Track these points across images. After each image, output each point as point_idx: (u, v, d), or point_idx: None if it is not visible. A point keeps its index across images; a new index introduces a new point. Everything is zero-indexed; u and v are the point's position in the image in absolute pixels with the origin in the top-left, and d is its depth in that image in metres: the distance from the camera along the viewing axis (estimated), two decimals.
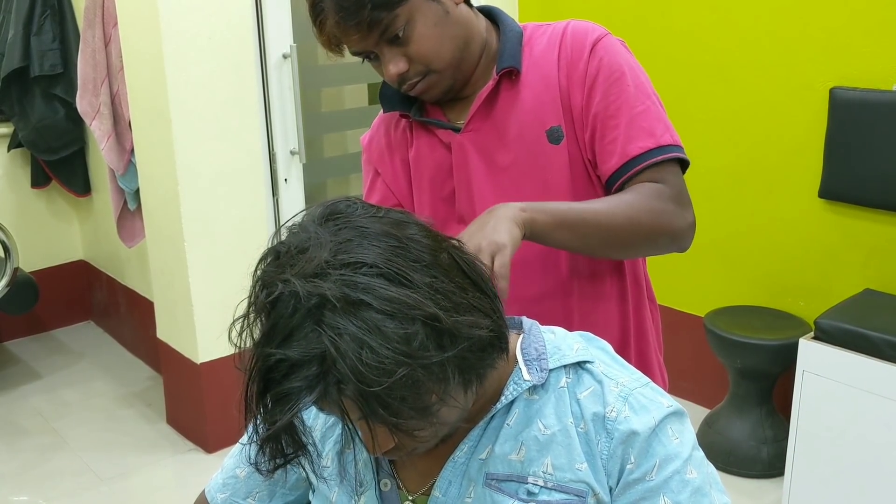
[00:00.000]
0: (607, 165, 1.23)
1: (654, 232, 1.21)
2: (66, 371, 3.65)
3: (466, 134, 1.29)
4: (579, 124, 1.25)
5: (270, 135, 2.91)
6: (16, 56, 3.36)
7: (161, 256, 2.93)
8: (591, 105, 1.23)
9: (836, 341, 2.33)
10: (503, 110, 1.27)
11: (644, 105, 1.23)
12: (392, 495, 0.98)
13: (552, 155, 1.26)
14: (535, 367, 0.94)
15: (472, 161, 1.29)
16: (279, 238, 0.85)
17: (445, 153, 1.31)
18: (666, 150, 1.22)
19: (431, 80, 1.23)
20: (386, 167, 1.39)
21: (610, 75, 1.23)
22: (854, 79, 2.53)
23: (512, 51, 1.26)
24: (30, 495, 2.78)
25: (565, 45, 1.26)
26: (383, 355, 0.73)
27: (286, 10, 2.85)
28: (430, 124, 1.32)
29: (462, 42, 1.24)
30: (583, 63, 1.24)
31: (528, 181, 1.27)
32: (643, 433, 0.89)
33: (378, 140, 1.40)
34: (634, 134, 1.22)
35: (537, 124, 1.25)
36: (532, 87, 1.26)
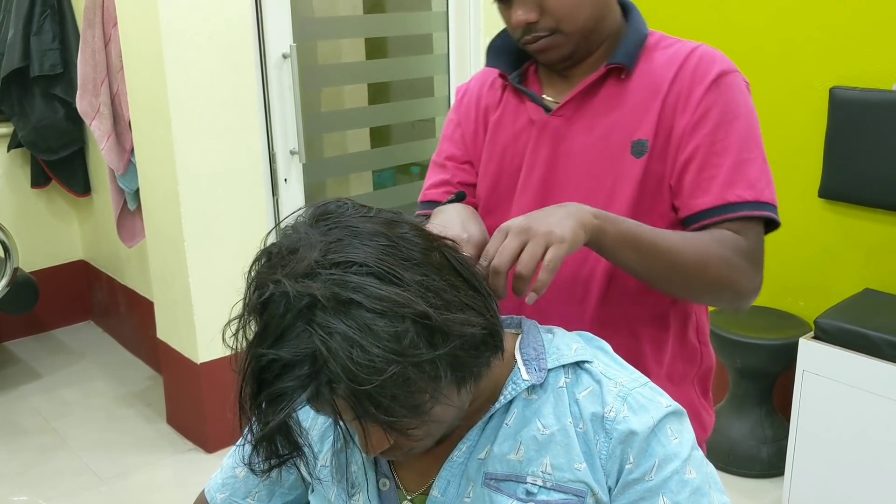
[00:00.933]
0: (698, 201, 1.17)
1: (721, 283, 1.15)
2: (65, 371, 3.65)
3: (556, 117, 1.24)
4: (674, 147, 1.19)
5: (270, 135, 2.91)
6: (16, 56, 3.36)
7: (161, 256, 2.93)
8: (697, 134, 1.17)
9: (836, 341, 2.33)
10: (599, 106, 1.23)
11: (752, 154, 1.18)
12: (391, 495, 0.98)
13: (629, 166, 1.20)
14: (533, 366, 0.94)
15: (550, 146, 1.25)
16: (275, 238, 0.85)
17: (528, 128, 1.27)
18: (762, 206, 1.17)
19: (556, 40, 1.18)
20: (469, 121, 1.35)
21: (726, 112, 1.17)
22: (854, 78, 2.53)
23: (630, 49, 1.22)
24: (29, 495, 2.78)
25: (687, 66, 1.20)
26: (374, 354, 0.73)
27: (286, 10, 2.85)
28: (524, 94, 1.27)
29: (599, 13, 1.20)
30: (701, 90, 1.18)
31: (596, 183, 1.23)
32: (642, 433, 0.89)
33: (471, 93, 1.36)
34: (736, 180, 1.16)
35: (626, 132, 1.20)
36: (635, 94, 1.21)
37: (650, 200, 1.21)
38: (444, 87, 3.42)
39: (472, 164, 1.35)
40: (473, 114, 1.35)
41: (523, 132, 1.28)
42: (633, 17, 1.26)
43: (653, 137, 1.19)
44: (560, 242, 0.98)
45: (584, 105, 1.23)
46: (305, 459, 0.85)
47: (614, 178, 1.21)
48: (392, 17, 3.58)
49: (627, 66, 1.21)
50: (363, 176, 3.65)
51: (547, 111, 1.25)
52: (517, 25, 1.18)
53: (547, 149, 1.25)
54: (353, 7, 3.58)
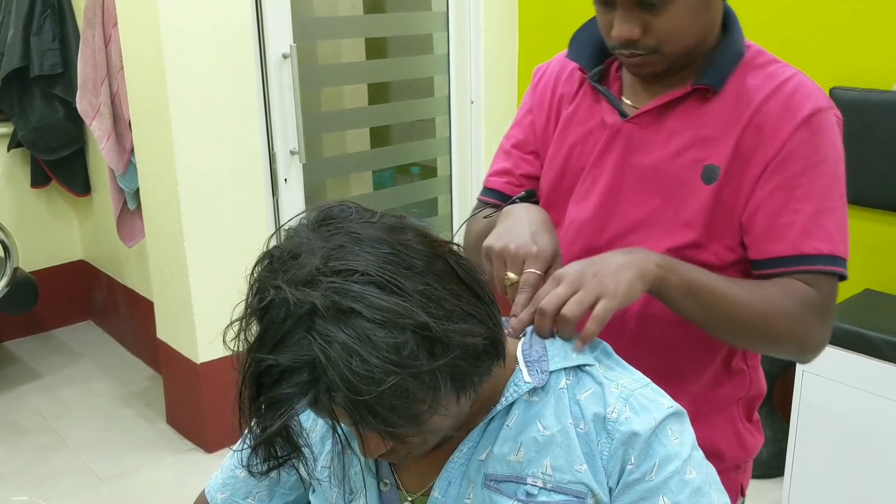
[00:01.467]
0: (771, 246, 1.11)
1: (786, 338, 1.11)
2: (65, 371, 3.65)
3: (630, 124, 1.18)
4: (750, 180, 1.12)
5: (270, 134, 2.91)
6: (15, 56, 3.36)
7: (161, 256, 2.93)
8: (778, 175, 1.10)
9: (835, 341, 2.33)
10: (678, 121, 1.16)
11: (834, 203, 1.11)
12: (391, 495, 0.98)
13: (696, 191, 1.14)
14: (535, 368, 0.94)
15: (619, 153, 1.19)
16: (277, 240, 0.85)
17: (600, 129, 1.21)
18: (837, 262, 1.11)
19: (653, 59, 1.12)
20: (542, 110, 1.29)
21: (812, 155, 1.10)
22: (854, 79, 2.53)
23: (722, 69, 1.14)
24: (29, 495, 2.78)
25: (779, 96, 1.12)
26: (372, 364, 0.73)
27: (286, 9, 2.85)
28: (602, 94, 1.21)
29: (702, 38, 1.14)
30: (790, 126, 1.10)
31: (662, 203, 1.17)
32: (644, 434, 0.89)
33: (548, 79, 1.30)
34: (814, 230, 1.09)
35: (700, 155, 1.14)
36: (717, 116, 1.14)
37: (716, 230, 1.15)
38: (444, 87, 3.42)
39: (537, 155, 1.31)
40: (547, 102, 1.29)
41: (594, 132, 1.22)
42: (732, 32, 1.18)
43: (726, 165, 1.13)
44: (612, 296, 0.96)
45: (662, 117, 1.17)
46: (305, 460, 0.85)
47: (681, 200, 1.15)
48: (392, 17, 3.58)
49: (715, 88, 1.14)
50: (363, 176, 3.65)
51: (623, 116, 1.19)
52: (617, 39, 1.12)
53: (616, 155, 1.19)
54: (353, 7, 3.58)
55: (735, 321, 1.08)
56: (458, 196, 3.53)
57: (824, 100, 1.13)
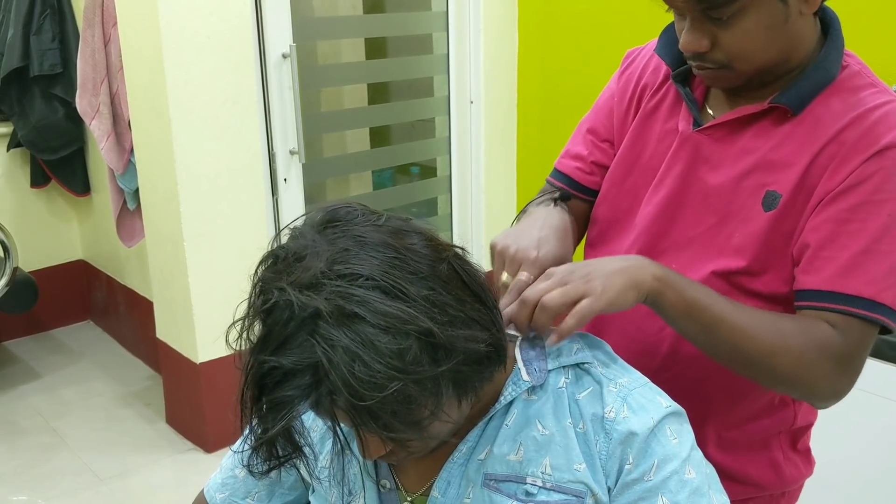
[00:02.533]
0: (808, 279, 1.02)
1: (791, 379, 1.02)
2: (65, 371, 3.65)
3: (701, 135, 1.11)
4: (810, 209, 1.03)
5: (270, 134, 2.91)
6: (15, 55, 3.36)
7: (160, 256, 2.93)
8: (836, 205, 1.01)
9: None
10: (749, 141, 1.08)
11: (890, 248, 0.99)
12: (391, 495, 0.98)
13: (754, 217, 1.06)
14: (534, 367, 0.94)
15: (687, 163, 1.13)
16: (279, 241, 0.84)
17: (673, 134, 1.15)
18: (877, 308, 0.99)
19: (725, 75, 1.05)
20: (624, 97, 1.24)
21: (876, 191, 0.99)
22: None
23: (804, 91, 1.05)
24: (29, 495, 2.78)
25: (859, 124, 1.02)
26: (375, 369, 0.73)
27: (286, 9, 2.85)
28: (684, 98, 1.14)
29: (784, 56, 1.04)
30: (860, 157, 1.00)
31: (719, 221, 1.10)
32: (642, 433, 0.89)
33: (637, 65, 1.25)
34: (858, 270, 0.99)
35: (765, 179, 1.06)
36: (790, 140, 1.05)
37: (771, 260, 1.07)
38: (443, 87, 3.42)
39: (611, 144, 1.26)
40: (630, 90, 1.23)
41: (669, 136, 1.16)
42: (829, 50, 1.07)
43: (790, 193, 1.04)
44: (598, 298, 0.92)
45: (735, 132, 1.10)
46: (306, 460, 0.85)
47: (738, 224, 1.08)
48: (392, 17, 3.58)
49: (794, 110, 1.05)
50: (363, 176, 3.65)
51: (697, 125, 1.12)
52: (684, 49, 1.05)
53: (683, 164, 1.13)
54: (353, 7, 3.58)
55: (736, 351, 1.00)
56: (457, 196, 3.53)
57: None
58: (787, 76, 1.07)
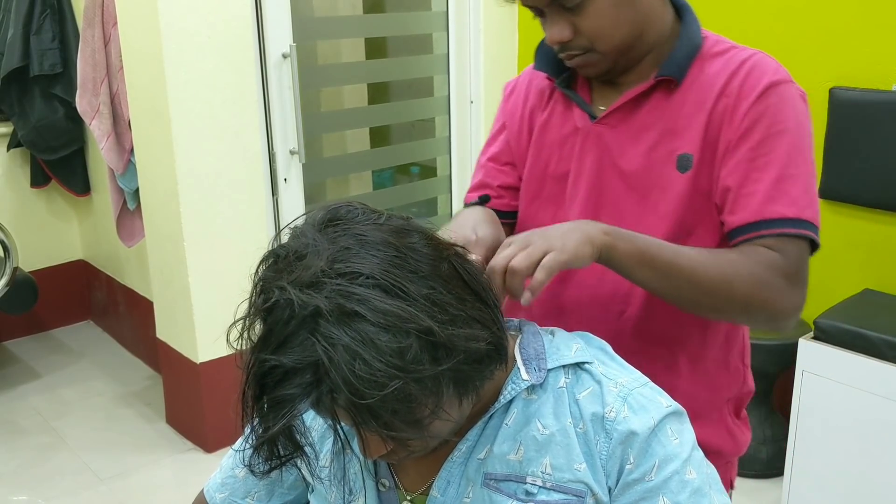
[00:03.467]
0: (736, 217, 1.12)
1: (751, 303, 1.08)
2: (65, 370, 3.65)
3: (600, 125, 1.21)
4: (718, 162, 1.14)
5: (270, 134, 2.91)
6: (15, 55, 3.36)
7: (160, 256, 2.93)
8: (740, 149, 1.12)
9: (835, 341, 2.33)
10: (645, 117, 1.18)
11: (798, 170, 1.11)
12: (390, 495, 0.98)
13: (674, 181, 1.16)
14: (533, 366, 0.94)
15: (595, 154, 1.22)
16: (280, 240, 0.84)
17: (574, 134, 1.24)
18: (802, 225, 1.10)
19: (591, 58, 1.15)
20: (514, 122, 1.32)
21: (772, 125, 1.11)
22: (854, 79, 2.53)
23: (681, 60, 1.16)
24: (29, 495, 2.78)
25: (737, 77, 1.14)
26: (376, 368, 0.73)
27: (286, 9, 2.85)
28: (572, 100, 1.24)
29: (638, 30, 1.15)
30: (747, 103, 1.12)
31: (640, 198, 1.19)
32: (642, 433, 0.89)
33: (518, 92, 1.34)
34: (777, 196, 1.10)
35: (672, 146, 1.16)
36: (683, 107, 1.16)
37: (697, 217, 1.16)
38: (443, 87, 3.42)
39: (513, 166, 1.33)
40: (519, 113, 1.32)
41: (570, 138, 1.25)
42: (687, 22, 1.20)
43: (699, 152, 1.15)
44: (561, 251, 0.97)
45: (631, 115, 1.19)
46: (307, 459, 0.85)
47: (660, 192, 1.17)
48: (392, 17, 3.58)
49: (677, 78, 1.16)
50: (363, 176, 3.65)
51: (593, 118, 1.22)
52: (551, 44, 1.16)
53: (592, 157, 1.22)
54: (353, 7, 3.58)
55: (697, 288, 1.07)
56: (457, 196, 3.53)
57: (783, 74, 1.15)
58: (654, 52, 1.19)
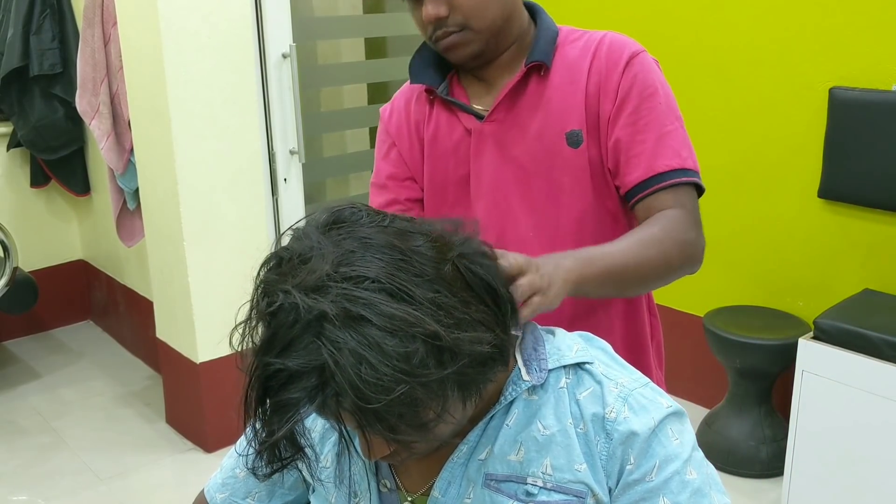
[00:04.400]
0: (630, 177, 1.24)
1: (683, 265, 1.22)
2: (65, 370, 3.65)
3: (489, 124, 1.29)
4: (603, 132, 1.26)
5: (270, 134, 2.91)
6: (15, 55, 3.36)
7: (160, 256, 2.93)
8: (621, 116, 1.24)
9: (835, 341, 2.33)
10: (527, 106, 1.28)
11: (673, 126, 1.25)
12: (391, 496, 0.98)
13: (570, 158, 1.26)
14: (534, 367, 0.94)
15: (491, 151, 1.29)
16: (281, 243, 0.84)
17: (465, 137, 1.31)
18: (688, 173, 1.24)
19: (466, 36, 1.23)
20: (403, 139, 1.38)
21: (643, 91, 1.24)
22: (853, 79, 2.53)
23: (545, 47, 1.27)
24: (29, 494, 2.78)
25: (600, 55, 1.26)
26: (382, 372, 0.72)
27: (286, 9, 2.85)
28: (454, 105, 1.32)
29: (507, 12, 1.25)
30: (616, 75, 1.25)
31: (544, 181, 1.28)
32: (643, 434, 0.89)
33: (398, 111, 1.40)
34: (661, 151, 1.23)
35: (558, 126, 1.26)
36: (558, 89, 1.27)
37: (602, 189, 1.28)
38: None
39: (413, 180, 1.37)
40: (406, 130, 1.37)
41: (462, 142, 1.31)
42: (541, 18, 1.32)
43: (585, 126, 1.26)
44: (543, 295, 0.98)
45: (512, 108, 1.28)
46: (308, 461, 0.84)
47: (560, 171, 1.27)
48: (392, 17, 3.58)
49: (546, 62, 1.26)
50: (363, 176, 3.65)
51: (479, 118, 1.30)
52: (427, 21, 1.23)
53: (489, 155, 1.29)
54: (353, 7, 3.58)
55: (646, 280, 1.20)
56: None
57: (636, 46, 1.28)
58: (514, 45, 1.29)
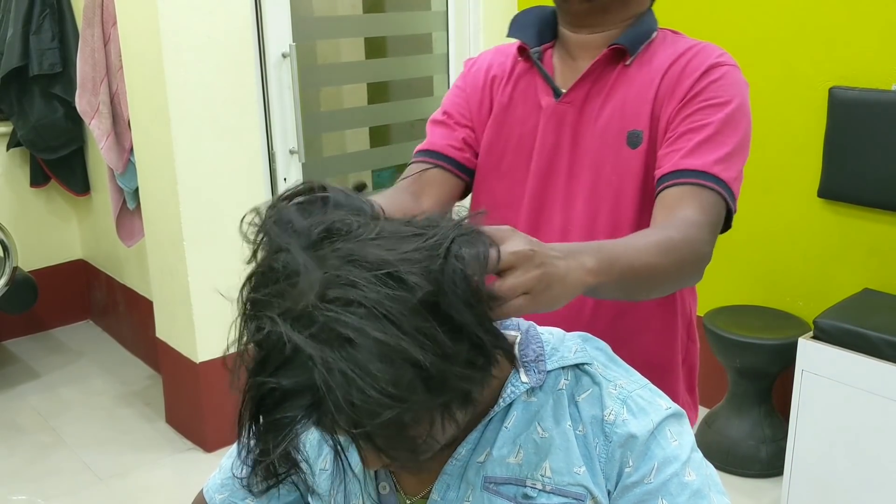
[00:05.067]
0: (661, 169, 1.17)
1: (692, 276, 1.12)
2: (64, 370, 3.65)
3: (563, 104, 1.26)
4: (661, 135, 1.21)
5: (270, 134, 2.91)
6: (15, 55, 3.36)
7: (160, 255, 2.93)
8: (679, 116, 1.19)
9: (835, 341, 2.33)
10: (602, 95, 1.25)
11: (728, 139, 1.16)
12: (390, 498, 0.97)
13: (628, 158, 1.23)
14: (532, 368, 0.93)
15: (556, 133, 1.27)
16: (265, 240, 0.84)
17: (536, 111, 1.29)
18: (719, 183, 1.14)
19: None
20: (475, 90, 1.35)
21: (713, 97, 1.17)
22: (853, 78, 2.53)
23: (635, 36, 1.24)
24: (28, 494, 2.78)
25: (683, 59, 1.22)
26: (369, 395, 0.71)
27: (285, 9, 2.85)
28: (540, 72, 1.29)
29: None
30: (691, 80, 1.19)
31: (596, 175, 1.25)
32: (642, 436, 0.88)
33: (481, 63, 1.37)
34: (701, 152, 1.15)
35: (624, 123, 1.23)
36: (633, 85, 1.23)
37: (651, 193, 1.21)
38: (443, 86, 3.42)
39: (472, 129, 1.35)
40: (481, 82, 1.35)
41: (532, 115, 1.29)
42: (649, 13, 1.29)
43: (648, 128, 1.22)
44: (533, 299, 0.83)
45: (589, 94, 1.26)
46: (303, 476, 0.84)
47: (616, 169, 1.23)
48: (392, 16, 3.58)
49: (630, 50, 1.23)
50: (362, 175, 3.65)
51: (557, 96, 1.27)
52: None
53: (553, 136, 1.27)
54: (353, 7, 3.58)
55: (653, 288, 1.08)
56: None
57: (727, 58, 1.21)
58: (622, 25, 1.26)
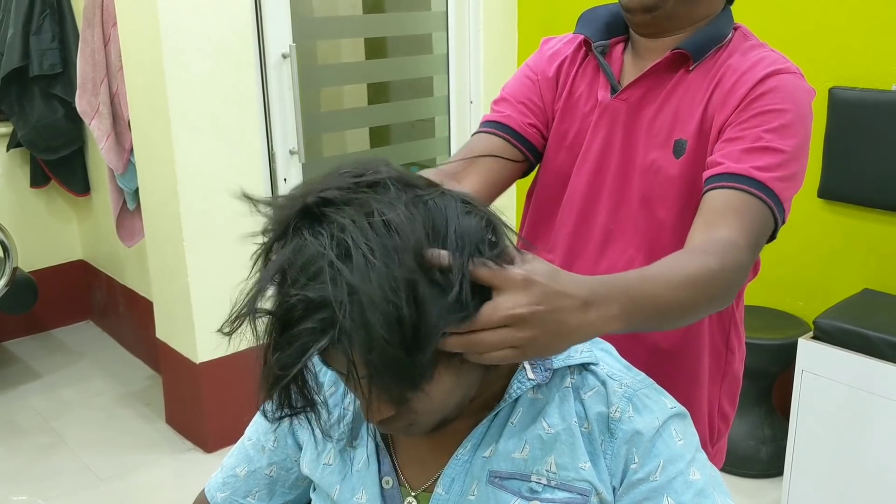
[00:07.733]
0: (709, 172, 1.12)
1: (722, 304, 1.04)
2: (65, 370, 3.65)
3: (617, 101, 1.24)
4: (711, 144, 1.15)
5: (270, 134, 2.91)
6: (15, 55, 3.36)
7: (160, 256, 2.93)
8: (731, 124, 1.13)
9: (835, 341, 2.33)
10: (659, 98, 1.21)
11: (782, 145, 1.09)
12: (394, 492, 0.98)
13: (668, 167, 1.19)
14: (539, 366, 0.94)
15: (608, 130, 1.25)
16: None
17: (594, 109, 1.27)
18: (767, 191, 1.08)
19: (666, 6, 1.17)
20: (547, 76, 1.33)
21: (770, 104, 1.11)
22: (853, 78, 2.53)
23: (701, 42, 1.19)
24: (29, 495, 2.78)
25: (741, 66, 1.16)
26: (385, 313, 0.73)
27: (286, 9, 2.85)
28: (602, 67, 1.26)
29: None
30: (746, 87, 1.13)
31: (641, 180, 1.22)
32: (647, 433, 0.89)
33: (554, 46, 1.35)
34: (750, 157, 1.08)
35: (672, 129, 1.20)
36: (689, 92, 1.19)
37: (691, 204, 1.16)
38: (443, 87, 3.42)
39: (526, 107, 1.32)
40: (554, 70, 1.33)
41: (591, 112, 1.27)
42: (724, 13, 1.24)
43: (693, 139, 1.17)
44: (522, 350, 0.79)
45: (645, 95, 1.23)
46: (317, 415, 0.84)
47: (655, 176, 1.21)
48: (391, 17, 3.58)
49: (693, 56, 1.19)
50: None
51: (614, 92, 1.25)
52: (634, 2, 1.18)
53: (604, 133, 1.26)
54: (353, 7, 3.58)
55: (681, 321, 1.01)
56: None
57: (790, 65, 1.15)
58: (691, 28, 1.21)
